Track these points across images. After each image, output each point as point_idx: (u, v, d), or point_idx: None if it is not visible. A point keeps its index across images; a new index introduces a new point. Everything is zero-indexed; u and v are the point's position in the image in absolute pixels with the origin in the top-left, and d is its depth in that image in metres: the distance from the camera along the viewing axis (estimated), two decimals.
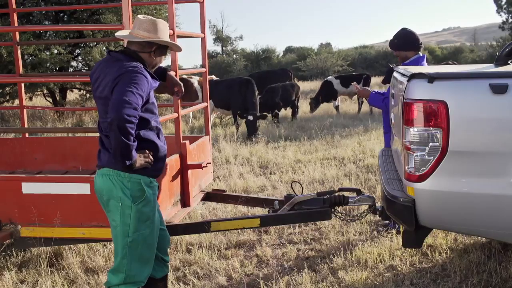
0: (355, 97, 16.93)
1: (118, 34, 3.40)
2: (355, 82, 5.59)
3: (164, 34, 3.28)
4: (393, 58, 39.92)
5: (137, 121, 2.98)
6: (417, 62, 5.14)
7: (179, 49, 3.56)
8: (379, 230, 5.27)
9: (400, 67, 4.54)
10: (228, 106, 12.84)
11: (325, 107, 17.21)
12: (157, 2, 16.17)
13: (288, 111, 15.26)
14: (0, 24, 14.55)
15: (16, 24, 5.92)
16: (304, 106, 16.99)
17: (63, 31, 15.08)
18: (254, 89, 12.47)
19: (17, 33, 6.04)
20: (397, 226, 4.99)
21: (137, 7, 14.70)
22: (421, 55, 5.21)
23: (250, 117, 11.72)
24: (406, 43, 5.18)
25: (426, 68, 4.35)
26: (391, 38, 5.30)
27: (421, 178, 3.22)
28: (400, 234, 4.55)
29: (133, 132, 2.95)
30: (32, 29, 13.35)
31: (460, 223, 3.33)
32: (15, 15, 5.75)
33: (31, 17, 15.32)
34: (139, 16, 3.30)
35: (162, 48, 3.34)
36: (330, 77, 15.93)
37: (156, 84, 3.23)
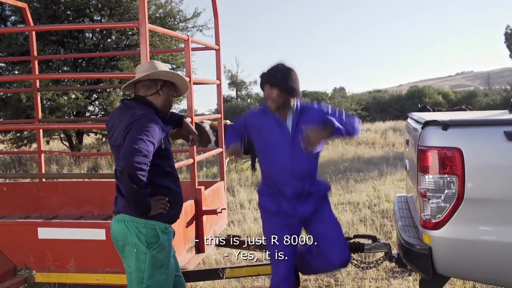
0: None
1: (124, 87, 3.42)
2: None
3: (164, 68, 3.27)
4: (407, 101, 39.97)
5: (148, 168, 2.98)
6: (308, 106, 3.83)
7: (185, 83, 3.41)
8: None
9: (414, 113, 4.55)
10: (246, 150, 12.85)
11: (340, 151, 17.19)
12: (174, 50, 16.53)
13: None
14: (21, 69, 14.91)
15: (36, 71, 6.07)
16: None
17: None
18: None
19: (37, 80, 6.18)
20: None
21: (154, 53, 15.00)
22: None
23: None
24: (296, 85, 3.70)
25: (441, 115, 4.37)
26: (272, 72, 3.69)
27: (437, 226, 3.19)
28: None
29: (144, 179, 2.95)
30: (52, 77, 13.66)
31: (478, 271, 3.28)
32: (36, 62, 5.90)
33: (50, 63, 15.69)
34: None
35: (169, 85, 3.30)
36: None
37: (168, 129, 3.26)
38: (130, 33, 16.31)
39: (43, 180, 6.07)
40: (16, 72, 15.70)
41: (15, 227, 4.27)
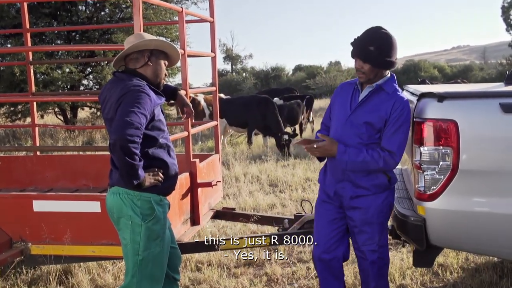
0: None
1: (113, 63, 3.36)
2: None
3: (150, 37, 3.22)
4: (402, 75, 39.88)
5: (140, 140, 2.96)
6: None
7: (174, 48, 3.32)
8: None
9: (410, 86, 4.53)
10: (244, 124, 12.79)
11: None
12: (168, 22, 16.37)
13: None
14: (14, 43, 14.77)
15: (29, 43, 5.99)
16: (316, 124, 16.90)
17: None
18: (275, 107, 12.44)
19: (30, 52, 6.11)
20: None
21: (148, 26, 14.85)
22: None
23: (286, 136, 11.87)
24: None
25: (436, 87, 4.35)
26: (365, 42, 3.25)
27: (432, 197, 3.21)
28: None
29: (137, 151, 2.94)
30: (45, 49, 13.52)
31: (471, 242, 3.31)
32: (28, 35, 5.83)
33: (43, 36, 15.53)
34: None
35: (157, 54, 3.25)
36: (276, 98, 15.06)
37: (161, 101, 3.21)
38: (123, 6, 16.14)
39: (38, 153, 6.05)
40: (9, 45, 15.56)
41: (10, 200, 4.27)
